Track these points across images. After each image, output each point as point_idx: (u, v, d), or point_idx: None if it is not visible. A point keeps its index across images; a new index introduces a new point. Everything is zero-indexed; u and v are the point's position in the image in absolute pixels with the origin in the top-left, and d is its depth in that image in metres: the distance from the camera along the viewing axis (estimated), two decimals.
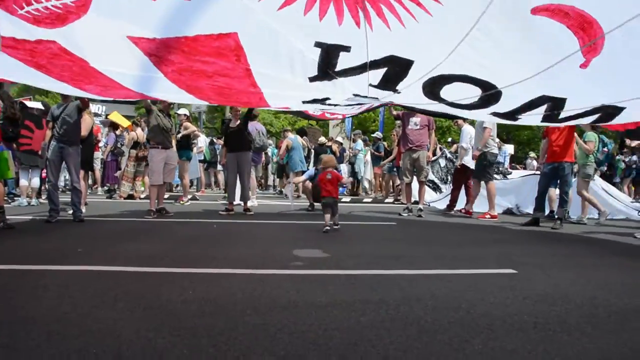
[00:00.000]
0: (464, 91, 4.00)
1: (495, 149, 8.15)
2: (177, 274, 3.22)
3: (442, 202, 9.78)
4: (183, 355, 1.83)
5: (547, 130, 7.07)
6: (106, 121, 13.18)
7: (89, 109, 6.74)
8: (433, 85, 4.02)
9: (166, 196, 8.11)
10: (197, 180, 14.09)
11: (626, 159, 13.54)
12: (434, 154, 10.10)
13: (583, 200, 7.58)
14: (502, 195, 9.14)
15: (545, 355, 1.91)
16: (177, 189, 12.84)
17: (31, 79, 4.57)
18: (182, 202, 9.10)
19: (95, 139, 10.29)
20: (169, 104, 7.25)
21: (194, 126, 10.35)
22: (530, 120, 4.58)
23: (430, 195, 10.57)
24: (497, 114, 4.54)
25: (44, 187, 8.83)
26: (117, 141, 10.98)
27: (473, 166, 8.32)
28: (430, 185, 10.89)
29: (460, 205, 8.91)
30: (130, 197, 10.10)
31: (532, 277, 3.38)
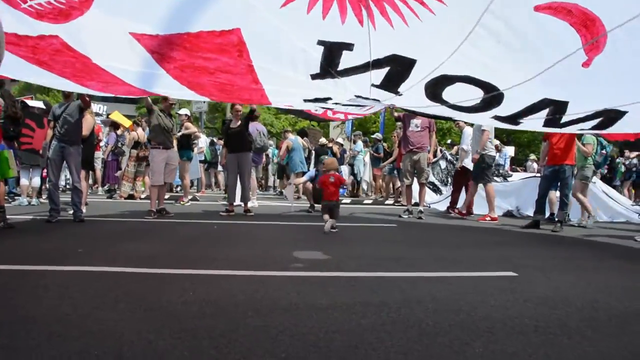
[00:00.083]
0: (465, 93, 3.99)
1: (493, 152, 8.16)
2: (177, 275, 3.22)
3: (443, 204, 9.78)
4: (184, 357, 1.83)
5: (547, 132, 7.07)
6: (107, 121, 13.19)
7: (90, 109, 6.74)
8: (435, 87, 4.01)
9: (167, 196, 8.11)
10: (198, 180, 14.08)
11: (626, 162, 13.56)
12: (434, 156, 10.10)
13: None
14: (503, 197, 9.15)
15: (546, 359, 1.91)
16: (177, 190, 12.84)
17: (33, 76, 4.57)
18: (182, 202, 9.09)
19: (97, 139, 10.30)
20: (170, 104, 7.25)
21: (194, 127, 10.34)
22: (532, 124, 4.56)
23: (430, 197, 10.57)
24: (498, 118, 4.52)
25: (44, 187, 8.84)
26: (117, 141, 10.98)
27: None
28: (431, 187, 10.88)
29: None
30: (131, 197, 10.10)
31: (532, 279, 3.38)
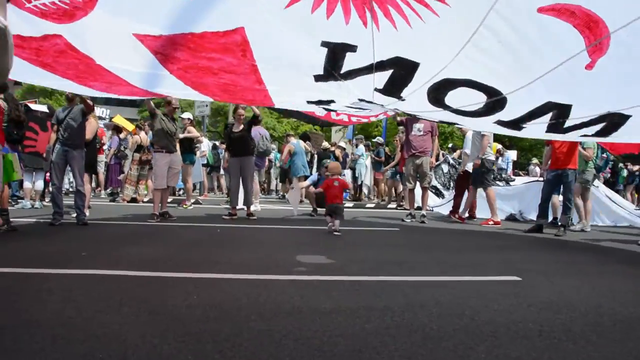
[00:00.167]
0: (468, 97, 3.99)
1: (491, 156, 8.21)
2: (181, 279, 3.22)
3: (446, 207, 9.77)
4: None
5: None
6: (110, 124, 13.20)
7: (94, 112, 6.77)
8: (438, 91, 4.00)
9: (169, 200, 8.12)
10: (200, 184, 14.09)
11: (629, 166, 13.52)
12: (436, 160, 10.10)
13: (584, 207, 7.57)
14: (505, 201, 9.15)
15: None
16: (180, 193, 12.85)
17: (37, 78, 4.58)
18: (185, 206, 9.10)
19: (100, 142, 10.34)
20: (173, 108, 7.27)
21: (197, 131, 10.36)
22: (535, 129, 4.54)
23: (433, 201, 10.56)
24: (501, 123, 4.51)
25: (47, 190, 8.86)
26: (120, 144, 11.02)
27: None
28: (433, 191, 10.87)
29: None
30: (133, 200, 10.12)
31: (536, 284, 3.38)
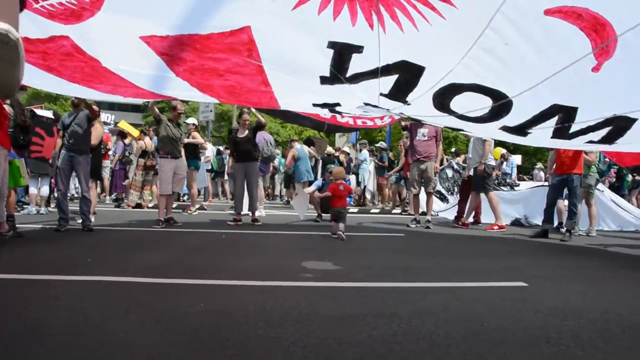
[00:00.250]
0: (474, 102, 3.97)
1: (492, 161, 8.25)
2: (187, 285, 3.23)
3: (450, 212, 9.76)
4: None
5: None
6: (115, 130, 13.27)
7: (99, 118, 6.80)
8: (443, 96, 3.99)
9: (174, 205, 8.13)
10: (205, 189, 14.12)
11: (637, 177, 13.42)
12: (440, 164, 10.09)
13: (590, 212, 7.55)
14: (510, 206, 9.13)
15: None
16: (185, 199, 12.86)
17: (43, 82, 4.58)
18: (190, 211, 9.11)
19: (105, 148, 10.38)
20: (178, 113, 7.30)
21: (201, 138, 10.41)
22: (540, 135, 4.51)
23: (437, 205, 10.55)
24: (506, 129, 4.50)
25: (52, 196, 8.89)
26: (125, 150, 11.06)
27: None
28: (437, 196, 10.86)
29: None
30: (138, 206, 10.14)
31: (542, 290, 3.36)
